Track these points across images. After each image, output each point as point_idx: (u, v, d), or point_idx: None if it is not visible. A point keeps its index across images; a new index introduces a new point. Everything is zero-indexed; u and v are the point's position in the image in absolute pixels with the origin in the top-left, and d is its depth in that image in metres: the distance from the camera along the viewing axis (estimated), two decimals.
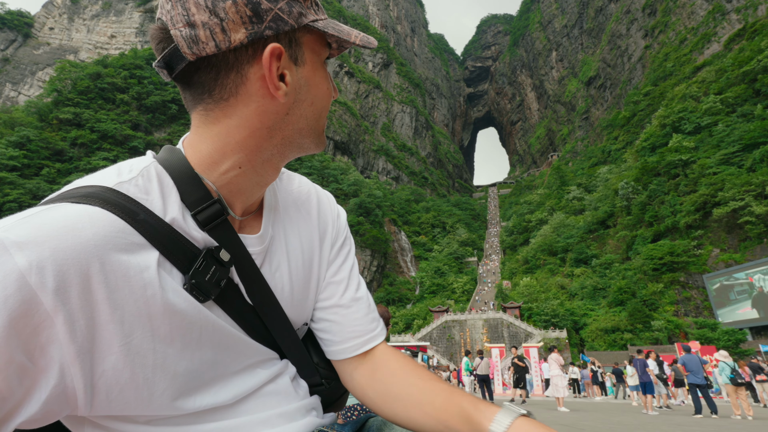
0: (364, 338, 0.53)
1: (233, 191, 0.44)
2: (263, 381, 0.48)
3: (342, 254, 0.58)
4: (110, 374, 0.35)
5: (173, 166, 0.42)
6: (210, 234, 0.42)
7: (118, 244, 0.35)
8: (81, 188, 0.37)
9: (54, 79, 60.12)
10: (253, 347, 0.47)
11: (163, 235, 0.38)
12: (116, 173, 0.40)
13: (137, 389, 0.37)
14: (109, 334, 0.34)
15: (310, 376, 0.54)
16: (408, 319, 50.36)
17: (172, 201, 0.41)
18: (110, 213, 0.35)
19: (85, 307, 0.33)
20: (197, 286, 0.40)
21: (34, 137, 49.80)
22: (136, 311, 0.36)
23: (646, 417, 7.97)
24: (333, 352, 0.54)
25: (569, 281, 49.17)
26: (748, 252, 35.07)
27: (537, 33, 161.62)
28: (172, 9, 0.38)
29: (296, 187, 0.57)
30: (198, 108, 0.42)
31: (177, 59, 0.39)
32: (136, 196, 0.38)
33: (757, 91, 47.42)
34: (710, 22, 71.63)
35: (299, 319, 0.53)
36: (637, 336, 34.96)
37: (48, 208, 0.34)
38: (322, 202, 0.58)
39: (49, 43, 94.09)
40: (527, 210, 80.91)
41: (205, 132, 0.42)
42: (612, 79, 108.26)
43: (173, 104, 67.37)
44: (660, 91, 69.45)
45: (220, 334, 0.43)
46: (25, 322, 0.30)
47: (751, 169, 38.57)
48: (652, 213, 46.45)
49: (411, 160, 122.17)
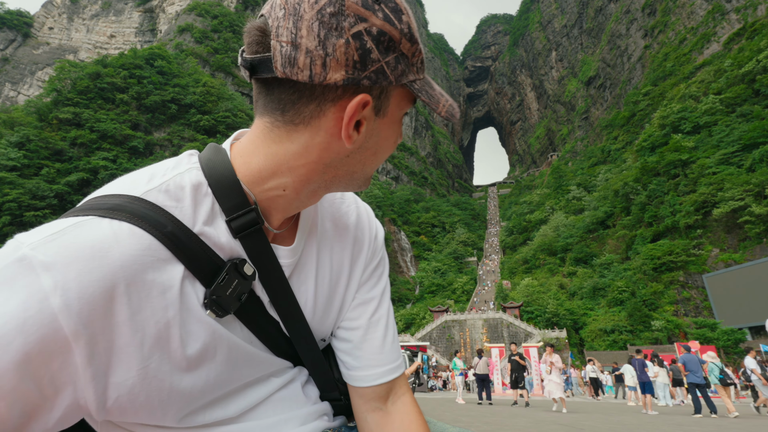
0: (385, 368, 0.52)
1: (271, 207, 0.44)
2: (275, 389, 0.48)
3: (375, 275, 0.56)
4: (125, 398, 0.35)
5: (215, 168, 0.42)
6: (242, 242, 0.42)
7: (145, 262, 0.35)
8: (109, 198, 0.37)
9: (53, 78, 59.97)
10: (268, 361, 0.47)
11: (189, 248, 0.38)
12: (149, 177, 0.40)
13: (151, 410, 0.37)
14: (127, 357, 0.34)
15: (329, 390, 0.54)
16: (408, 319, 50.36)
17: (204, 208, 0.40)
18: (137, 228, 0.35)
19: (106, 330, 0.33)
20: (217, 301, 0.39)
21: (33, 137, 49.69)
22: (156, 333, 0.35)
23: (646, 417, 7.99)
24: (351, 376, 0.53)
25: (569, 281, 49.21)
26: (747, 252, 35.11)
27: (537, 33, 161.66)
28: (282, 19, 0.36)
29: (338, 199, 0.56)
30: (265, 118, 0.41)
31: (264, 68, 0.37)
32: (165, 205, 0.38)
33: (756, 91, 47.44)
34: (710, 21, 71.66)
35: (318, 335, 0.53)
36: (636, 336, 34.99)
37: (75, 225, 0.33)
38: (361, 220, 0.57)
39: (48, 42, 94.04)
40: (527, 210, 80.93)
41: (262, 146, 0.41)
42: (612, 79, 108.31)
43: (173, 104, 67.26)
44: (659, 91, 69.48)
45: (237, 352, 0.43)
46: (42, 346, 0.30)
47: (751, 169, 38.60)
48: (651, 213, 46.49)
49: (411, 159, 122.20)
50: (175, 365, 0.37)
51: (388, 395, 0.53)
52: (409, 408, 0.53)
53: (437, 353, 39.26)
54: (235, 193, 0.41)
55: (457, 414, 7.96)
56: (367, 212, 0.59)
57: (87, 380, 0.32)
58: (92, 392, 0.33)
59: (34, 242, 0.31)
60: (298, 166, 0.41)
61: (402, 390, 0.54)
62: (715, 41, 68.17)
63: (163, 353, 0.36)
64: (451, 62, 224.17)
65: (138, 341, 0.34)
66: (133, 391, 0.35)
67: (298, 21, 0.35)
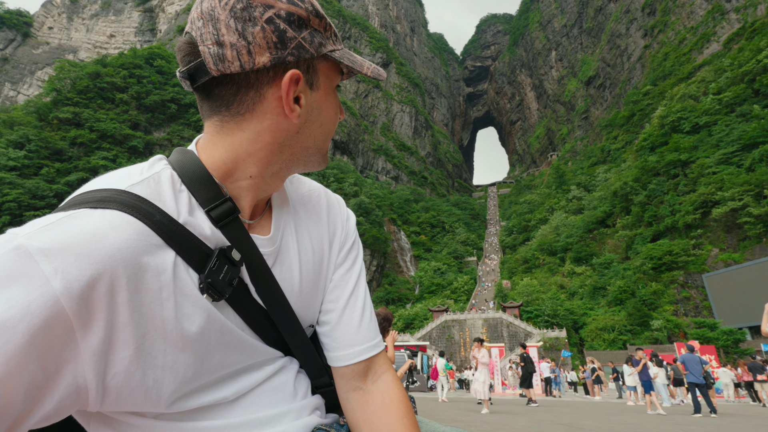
0: (362, 347, 0.54)
1: (242, 196, 0.46)
2: (266, 377, 0.49)
3: (350, 258, 0.58)
4: (122, 376, 0.36)
5: (186, 166, 0.44)
6: (222, 231, 0.44)
7: (139, 247, 0.37)
8: (96, 192, 0.38)
9: (53, 78, 59.83)
10: (260, 349, 0.48)
11: (179, 236, 0.40)
12: (127, 176, 0.42)
13: (147, 390, 0.38)
14: (125, 336, 0.36)
15: (318, 377, 0.55)
16: (407, 319, 50.37)
17: (183, 201, 0.43)
18: (129, 216, 0.37)
19: (106, 311, 0.34)
20: (212, 285, 0.41)
21: (33, 137, 49.57)
22: (150, 313, 0.37)
23: (646, 416, 7.96)
24: (331, 357, 0.54)
25: (569, 281, 49.24)
26: (747, 252, 35.12)
27: (536, 32, 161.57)
28: (203, 27, 0.41)
29: (306, 190, 0.58)
30: (214, 118, 0.44)
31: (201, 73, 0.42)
32: (150, 197, 0.40)
33: (756, 91, 47.43)
34: (709, 21, 71.64)
35: (306, 320, 0.54)
36: (636, 336, 35.02)
37: (69, 215, 0.35)
38: (332, 205, 0.59)
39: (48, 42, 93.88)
40: (527, 209, 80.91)
41: (218, 141, 0.44)
42: (611, 78, 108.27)
43: (172, 104, 67.15)
44: (659, 91, 69.46)
45: (229, 337, 0.44)
46: (45, 328, 0.31)
47: (750, 169, 38.60)
48: (651, 212, 46.51)
49: (410, 159, 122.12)
50: (169, 344, 0.39)
51: (367, 374, 0.54)
52: (390, 386, 0.54)
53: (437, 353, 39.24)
54: (209, 185, 0.44)
55: (457, 413, 7.95)
56: (337, 199, 0.62)
57: (87, 358, 0.34)
58: (92, 370, 0.34)
59: (29, 232, 0.33)
60: (255, 150, 0.44)
61: (382, 369, 0.55)
62: (714, 41, 68.15)
63: (158, 332, 0.38)
64: (451, 62, 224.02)
65: (135, 321, 0.36)
66: (130, 369, 0.36)
67: (216, 23, 0.40)
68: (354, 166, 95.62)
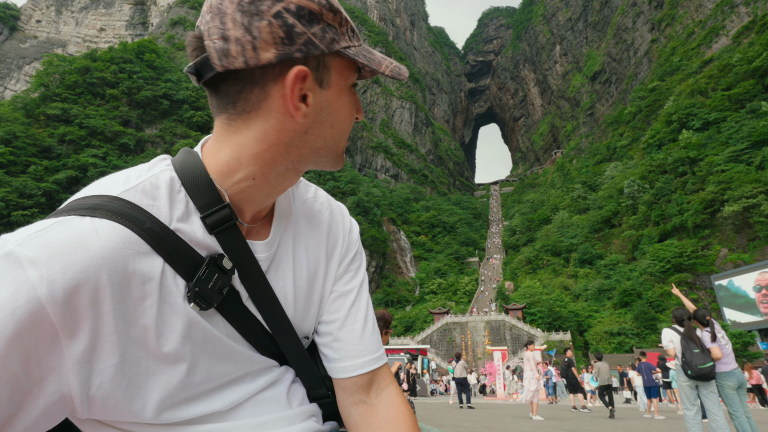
0: (365, 358, 0.53)
1: (244, 199, 0.46)
2: (260, 387, 0.48)
3: (352, 269, 0.58)
4: (107, 386, 0.36)
5: (188, 169, 0.44)
6: (217, 237, 0.44)
7: (125, 255, 0.37)
8: (88, 198, 0.39)
9: (41, 73, 58.40)
10: (251, 358, 0.48)
11: (168, 243, 0.40)
12: (124, 179, 0.42)
13: (132, 400, 0.38)
14: (110, 345, 0.36)
15: (315, 387, 0.54)
16: (407, 322, 49.38)
17: (179, 206, 0.42)
18: (117, 224, 0.37)
19: (90, 319, 0.34)
20: (200, 294, 0.41)
21: (20, 133, 48.28)
22: (133, 322, 0.37)
23: (652, 422, 7.80)
24: (333, 369, 0.54)
25: (573, 282, 48.20)
26: (757, 252, 34.08)
27: (540, 26, 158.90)
28: (210, 21, 0.40)
29: (310, 197, 0.57)
30: (222, 116, 0.43)
31: (207, 68, 0.41)
32: (142, 203, 0.40)
33: (766, 87, 46.02)
34: (718, 15, 69.80)
35: (301, 331, 0.53)
36: (643, 339, 34.00)
37: (57, 223, 0.35)
38: (335, 216, 0.58)
39: (36, 36, 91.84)
40: (530, 209, 79.69)
41: (225, 140, 0.44)
42: (617, 73, 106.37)
43: (165, 99, 65.66)
44: (667, 87, 67.93)
45: (217, 346, 0.44)
46: (30, 333, 0.32)
47: (760, 167, 37.43)
48: (658, 212, 45.35)
49: (410, 157, 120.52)
50: (151, 353, 0.38)
51: (371, 387, 0.54)
52: (395, 400, 0.53)
53: (438, 356, 38.27)
54: (208, 190, 0.43)
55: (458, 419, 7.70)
56: (341, 209, 0.61)
57: (71, 366, 0.34)
58: (76, 378, 0.34)
59: (19, 239, 0.33)
60: (261, 151, 0.43)
61: (386, 382, 0.55)
62: (723, 35, 66.43)
63: (140, 342, 0.38)
64: (452, 57, 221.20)
65: (120, 329, 0.36)
66: (115, 379, 0.36)
67: (223, 17, 0.39)
68: (352, 164, 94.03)
